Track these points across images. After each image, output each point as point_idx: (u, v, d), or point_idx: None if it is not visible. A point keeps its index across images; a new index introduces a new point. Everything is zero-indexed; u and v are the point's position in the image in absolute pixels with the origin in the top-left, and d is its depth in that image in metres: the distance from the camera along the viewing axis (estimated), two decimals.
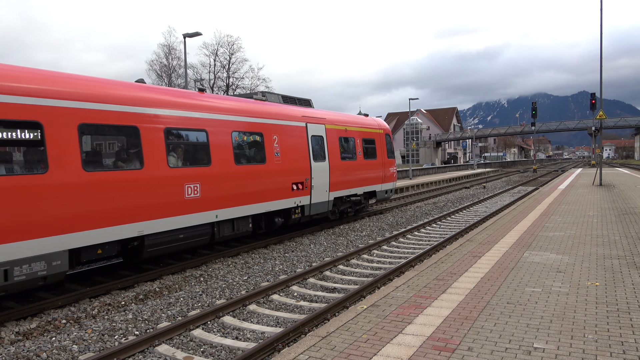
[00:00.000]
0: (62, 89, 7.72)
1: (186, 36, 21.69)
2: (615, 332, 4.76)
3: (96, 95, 8.23)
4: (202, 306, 7.75)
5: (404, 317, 5.42)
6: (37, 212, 7.09)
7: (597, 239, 9.61)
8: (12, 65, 7.51)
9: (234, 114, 11.20)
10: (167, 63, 61.34)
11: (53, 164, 7.35)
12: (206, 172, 10.09)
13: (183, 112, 9.81)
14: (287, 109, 13.52)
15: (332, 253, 11.59)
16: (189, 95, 10.58)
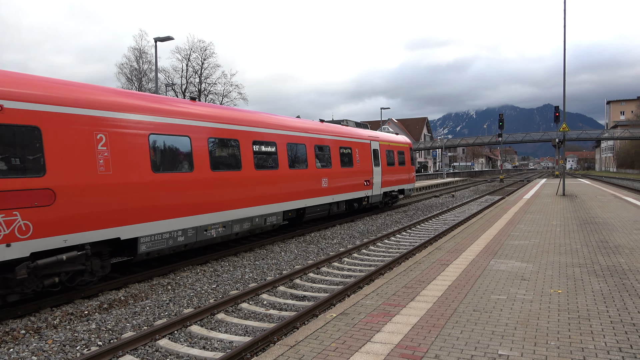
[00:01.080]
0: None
1: (157, 40, 21.40)
2: (576, 338, 4.90)
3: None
4: (169, 315, 7.58)
5: (373, 325, 5.43)
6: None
7: (560, 248, 9.90)
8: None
9: (340, 136, 17.93)
10: (138, 67, 60.31)
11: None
12: (330, 172, 16.70)
13: (330, 137, 17.25)
14: (360, 131, 20.00)
15: (303, 261, 11.55)
16: (320, 126, 17.16)
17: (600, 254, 9.20)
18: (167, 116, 10.01)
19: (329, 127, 17.54)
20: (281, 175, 13.69)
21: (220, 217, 11.21)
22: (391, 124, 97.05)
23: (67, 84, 8.41)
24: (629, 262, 8.37)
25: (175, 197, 9.92)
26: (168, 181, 9.77)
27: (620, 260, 8.59)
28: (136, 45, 64.35)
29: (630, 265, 8.17)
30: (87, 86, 8.85)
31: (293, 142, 14.58)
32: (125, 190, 8.81)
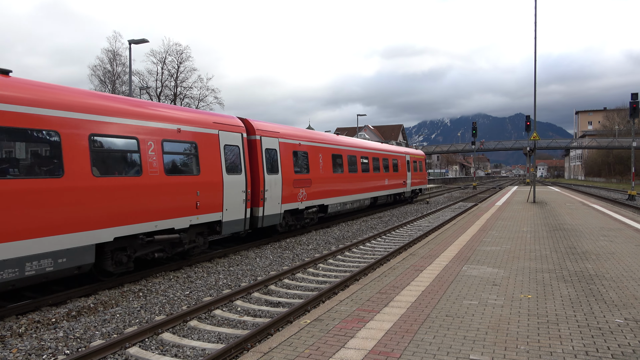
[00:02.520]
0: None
1: (132, 42, 21.10)
2: (545, 342, 5.00)
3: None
4: (140, 323, 7.42)
5: (347, 331, 5.44)
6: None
7: (530, 254, 10.12)
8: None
9: (392, 152, 27.76)
10: (112, 69, 59.28)
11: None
12: (388, 175, 25.54)
13: (387, 152, 26.89)
14: (400, 148, 30.86)
15: (278, 267, 11.49)
16: (383, 146, 27.64)
17: (569, 259, 9.45)
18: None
19: (386, 146, 28.00)
20: (369, 176, 23.06)
21: (352, 198, 20.63)
22: (367, 130, 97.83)
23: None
24: (596, 268, 8.61)
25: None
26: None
27: (587, 265, 8.83)
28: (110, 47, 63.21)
29: (597, 270, 8.40)
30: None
31: (376, 157, 24.38)
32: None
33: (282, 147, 15.03)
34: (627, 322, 5.62)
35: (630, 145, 36.13)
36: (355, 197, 20.83)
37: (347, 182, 19.89)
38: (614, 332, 5.29)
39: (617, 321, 5.65)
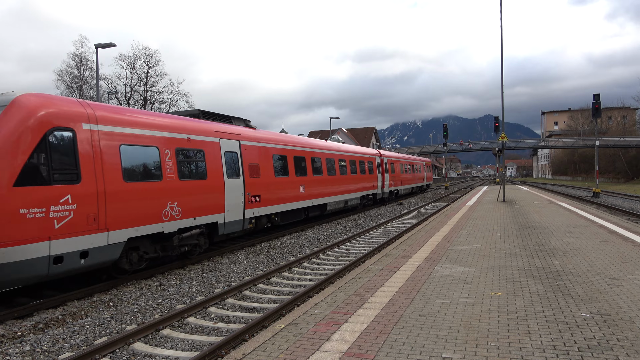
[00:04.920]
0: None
1: (98, 46, 20.66)
2: (515, 338, 5.12)
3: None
4: (111, 333, 7.24)
5: (322, 334, 5.44)
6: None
7: (500, 252, 10.34)
8: None
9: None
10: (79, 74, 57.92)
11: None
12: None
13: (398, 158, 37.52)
14: (418, 158, 46.62)
15: (253, 272, 11.41)
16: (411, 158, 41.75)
17: (537, 256, 9.69)
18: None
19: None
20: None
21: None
22: (341, 133, 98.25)
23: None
24: (563, 264, 8.86)
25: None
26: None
27: (554, 262, 9.09)
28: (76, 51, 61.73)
29: (564, 267, 8.65)
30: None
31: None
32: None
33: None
34: (593, 315, 5.80)
35: (594, 144, 37.39)
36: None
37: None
38: (580, 326, 5.45)
39: (583, 315, 5.82)
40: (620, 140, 72.22)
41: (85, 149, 8.97)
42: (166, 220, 10.87)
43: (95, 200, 9.02)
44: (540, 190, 43.35)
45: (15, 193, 7.72)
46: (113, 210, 9.41)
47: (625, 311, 5.92)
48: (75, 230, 8.58)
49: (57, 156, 8.49)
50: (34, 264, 7.93)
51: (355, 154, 26.41)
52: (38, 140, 8.14)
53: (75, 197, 8.59)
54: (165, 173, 10.95)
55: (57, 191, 8.32)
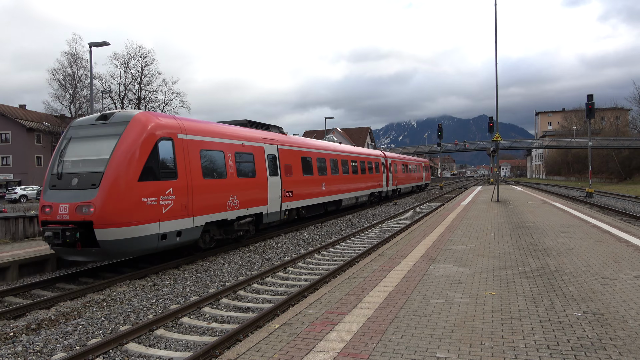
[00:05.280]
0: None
1: (92, 45, 20.54)
2: (509, 337, 5.13)
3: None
4: (104, 334, 7.20)
5: (316, 334, 5.43)
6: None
7: (494, 252, 10.37)
8: None
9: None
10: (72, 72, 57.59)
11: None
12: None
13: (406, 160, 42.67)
14: (418, 159, 50.50)
15: (247, 272, 11.39)
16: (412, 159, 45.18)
17: (531, 256, 9.73)
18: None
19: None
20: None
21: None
22: (336, 133, 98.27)
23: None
24: (556, 264, 8.90)
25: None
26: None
27: (548, 262, 9.13)
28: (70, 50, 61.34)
29: (557, 266, 8.69)
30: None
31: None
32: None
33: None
34: (586, 315, 5.83)
35: (588, 145, 37.62)
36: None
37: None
38: (574, 325, 5.47)
39: (577, 315, 5.85)
40: (613, 140, 72.70)
41: (180, 153, 11.59)
42: (229, 210, 13.47)
43: (186, 193, 11.63)
44: (534, 190, 43.56)
45: (139, 186, 10.32)
46: (196, 201, 11.96)
47: (618, 310, 5.95)
48: (174, 215, 11.19)
49: (163, 159, 11.12)
50: (149, 239, 10.53)
51: (364, 155, 29.22)
52: (152, 148, 10.73)
53: (174, 190, 11.22)
54: (229, 172, 13.57)
55: (164, 185, 10.96)
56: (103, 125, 11.07)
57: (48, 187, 10.78)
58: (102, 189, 9.98)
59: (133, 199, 10.19)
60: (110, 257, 10.81)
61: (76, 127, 11.57)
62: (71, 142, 11.21)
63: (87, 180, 10.29)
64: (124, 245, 10.13)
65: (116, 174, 10.11)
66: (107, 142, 10.59)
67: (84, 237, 9.90)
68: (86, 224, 9.88)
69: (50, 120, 63.70)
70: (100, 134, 10.95)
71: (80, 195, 10.11)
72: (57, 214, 10.14)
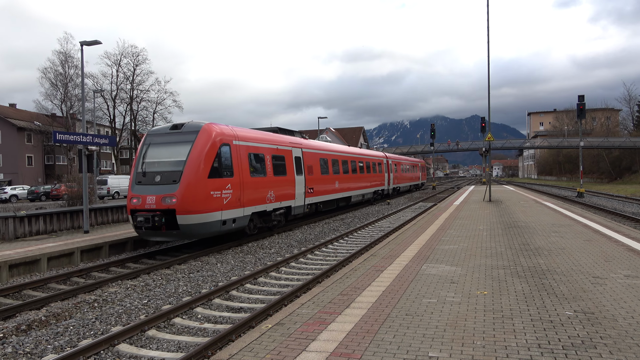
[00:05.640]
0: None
1: (84, 44, 20.39)
2: (500, 337, 5.16)
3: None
4: (95, 334, 7.15)
5: (308, 334, 5.43)
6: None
7: (486, 251, 10.42)
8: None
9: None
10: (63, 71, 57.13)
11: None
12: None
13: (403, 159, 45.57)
14: (415, 160, 54.69)
15: (240, 272, 11.36)
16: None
17: (522, 256, 9.79)
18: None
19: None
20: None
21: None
22: (329, 133, 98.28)
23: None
24: (547, 263, 8.96)
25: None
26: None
27: (540, 261, 9.18)
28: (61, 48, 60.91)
29: (549, 265, 8.75)
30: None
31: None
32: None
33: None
34: (577, 314, 5.87)
35: (579, 145, 37.91)
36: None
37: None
38: (565, 324, 5.51)
39: (567, 314, 5.89)
40: (604, 140, 73.34)
41: (234, 156, 14.21)
42: (267, 202, 16.17)
43: (239, 188, 14.25)
44: (526, 190, 43.84)
45: (208, 182, 12.96)
46: (246, 195, 14.59)
47: (608, 309, 6.00)
48: (231, 206, 13.81)
49: (224, 160, 13.69)
50: (215, 224, 13.18)
51: (370, 157, 32.33)
52: (216, 152, 13.35)
53: (232, 186, 13.85)
54: (267, 171, 16.32)
55: (225, 182, 13.59)
56: (176, 134, 13.65)
57: (135, 183, 13.22)
58: (182, 184, 12.55)
59: (204, 192, 12.86)
60: (186, 237, 13.53)
61: (153, 135, 14.11)
62: (150, 147, 13.76)
63: (169, 177, 12.83)
64: (197, 228, 12.72)
65: (192, 172, 12.70)
66: (182, 147, 13.17)
67: (167, 222, 12.47)
68: (169, 211, 12.39)
69: (41, 120, 63.17)
70: (175, 140, 13.52)
71: (164, 189, 12.65)
72: (145, 204, 12.63)
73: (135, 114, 61.95)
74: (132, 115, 61.69)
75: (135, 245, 14.98)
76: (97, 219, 19.08)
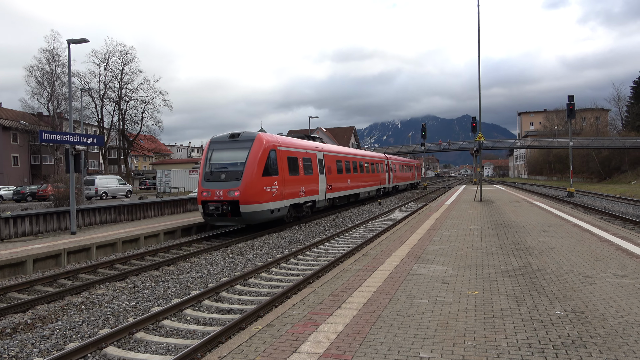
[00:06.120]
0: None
1: (71, 42, 20.17)
2: (491, 336, 5.18)
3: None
4: (82, 337, 7.08)
5: (299, 335, 5.41)
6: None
7: (477, 251, 10.48)
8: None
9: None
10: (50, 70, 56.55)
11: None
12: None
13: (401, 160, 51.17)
14: (411, 160, 59.67)
15: (230, 273, 11.31)
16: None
17: (513, 255, 9.86)
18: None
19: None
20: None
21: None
22: (320, 132, 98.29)
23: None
24: (538, 263, 9.03)
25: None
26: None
27: (530, 261, 9.25)
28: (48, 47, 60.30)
29: (539, 265, 8.82)
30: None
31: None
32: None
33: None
34: (567, 313, 5.92)
35: (569, 145, 38.27)
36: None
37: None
38: (555, 323, 5.55)
39: (558, 313, 5.94)
40: (594, 140, 74.14)
41: (279, 158, 18.04)
42: (300, 196, 20.08)
43: (282, 184, 18.07)
44: (517, 190, 44.16)
45: (262, 179, 16.76)
46: (286, 190, 18.46)
47: (598, 309, 6.06)
48: (277, 198, 17.63)
49: (272, 162, 17.45)
50: (266, 213, 17.05)
51: (374, 158, 36.53)
52: (267, 155, 17.14)
53: (277, 183, 17.66)
54: (300, 171, 20.11)
55: (273, 179, 17.40)
56: (235, 141, 17.53)
57: (204, 180, 17.08)
58: (243, 181, 16.35)
59: (259, 188, 16.70)
60: (246, 222, 17.07)
61: (215, 142, 17.90)
62: (214, 152, 17.60)
63: (233, 175, 16.65)
64: (254, 215, 16.59)
65: (250, 172, 16.49)
66: (241, 152, 16.99)
67: (232, 210, 16.23)
68: (234, 202, 16.21)
69: (27, 119, 62.44)
70: (235, 147, 17.37)
71: (229, 185, 16.44)
72: (214, 196, 16.43)
73: (124, 113, 61.49)
74: (121, 115, 61.23)
75: (123, 246, 14.86)
76: (84, 219, 18.91)
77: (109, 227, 18.43)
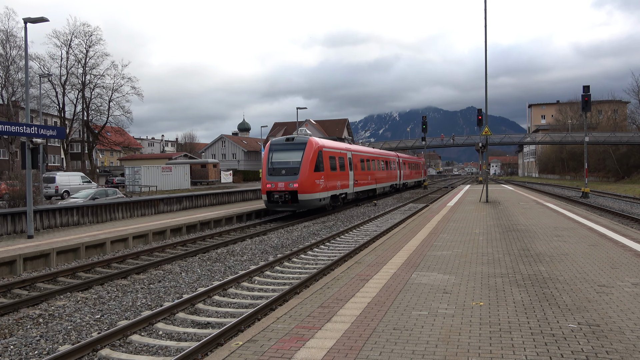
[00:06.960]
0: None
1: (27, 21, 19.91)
2: (497, 352, 5.21)
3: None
4: (40, 355, 7.00)
5: (284, 352, 5.40)
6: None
7: (482, 257, 10.54)
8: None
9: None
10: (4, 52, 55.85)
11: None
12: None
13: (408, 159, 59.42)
14: (418, 158, 69.26)
15: (207, 281, 11.27)
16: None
17: (522, 262, 9.94)
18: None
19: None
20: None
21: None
22: (309, 125, 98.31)
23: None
24: (549, 271, 9.11)
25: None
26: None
27: (541, 268, 9.33)
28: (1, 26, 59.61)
29: (550, 273, 8.89)
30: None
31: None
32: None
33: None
34: (581, 326, 5.98)
35: (583, 140, 38.69)
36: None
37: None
38: (568, 338, 5.60)
39: (571, 326, 5.99)
40: (611, 136, 74.89)
41: (323, 158, 25.01)
42: (337, 189, 26.96)
43: (326, 179, 25.04)
44: (526, 190, 44.57)
45: (314, 174, 24.01)
46: (328, 183, 25.38)
47: (615, 321, 6.12)
48: (322, 190, 24.61)
49: (320, 161, 24.61)
50: (316, 201, 24.28)
51: (389, 156, 44.42)
52: (317, 155, 24.42)
53: (323, 177, 24.77)
54: (337, 168, 27.08)
55: (320, 174, 24.50)
56: (291, 144, 24.92)
57: (267, 174, 24.11)
58: (300, 175, 23.36)
59: (312, 180, 23.77)
60: (302, 208, 24.15)
61: (275, 144, 25.43)
62: (274, 152, 24.90)
63: (291, 171, 23.70)
64: (308, 202, 23.67)
65: (305, 168, 23.58)
66: (297, 152, 24.21)
67: (291, 198, 23.17)
68: (293, 192, 23.14)
69: None
70: (291, 148, 24.69)
71: (289, 178, 23.39)
72: (277, 188, 23.41)
73: (88, 102, 60.88)
74: (85, 104, 60.60)
75: (87, 251, 14.73)
76: (43, 222, 18.71)
77: (71, 231, 18.27)
